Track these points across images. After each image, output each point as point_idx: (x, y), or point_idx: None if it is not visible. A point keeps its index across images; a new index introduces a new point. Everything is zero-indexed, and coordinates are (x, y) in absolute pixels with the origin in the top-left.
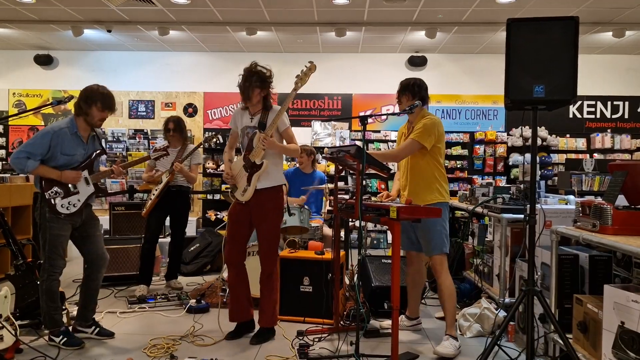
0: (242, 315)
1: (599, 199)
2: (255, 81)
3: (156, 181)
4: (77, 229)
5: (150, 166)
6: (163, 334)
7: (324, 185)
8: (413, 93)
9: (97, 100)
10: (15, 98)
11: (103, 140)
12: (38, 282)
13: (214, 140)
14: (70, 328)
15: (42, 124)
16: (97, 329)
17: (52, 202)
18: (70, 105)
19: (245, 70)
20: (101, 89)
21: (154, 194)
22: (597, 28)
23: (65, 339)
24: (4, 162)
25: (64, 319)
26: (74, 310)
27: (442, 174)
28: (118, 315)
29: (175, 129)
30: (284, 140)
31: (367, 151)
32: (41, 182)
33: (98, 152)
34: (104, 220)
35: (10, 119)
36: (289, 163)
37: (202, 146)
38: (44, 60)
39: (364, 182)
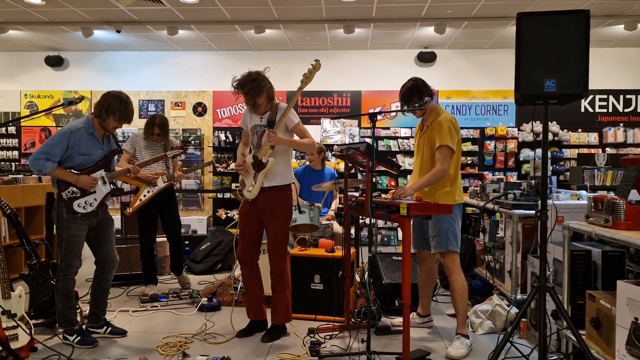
0: (259, 313)
1: (612, 194)
2: (252, 90)
3: (149, 181)
4: (93, 229)
5: (129, 152)
6: (175, 332)
7: (333, 181)
8: (420, 95)
9: (115, 112)
10: (27, 99)
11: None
12: (52, 282)
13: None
14: (84, 327)
15: (54, 124)
16: (109, 328)
17: (69, 202)
18: (81, 106)
19: (240, 80)
20: (122, 99)
21: (145, 195)
22: (608, 21)
23: (79, 337)
24: (17, 163)
25: (78, 318)
26: (87, 309)
27: (456, 173)
28: (131, 314)
29: (160, 134)
30: (295, 137)
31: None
32: (58, 182)
33: (114, 150)
34: (116, 220)
35: (22, 120)
36: (298, 161)
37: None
38: (55, 62)
39: (373, 179)
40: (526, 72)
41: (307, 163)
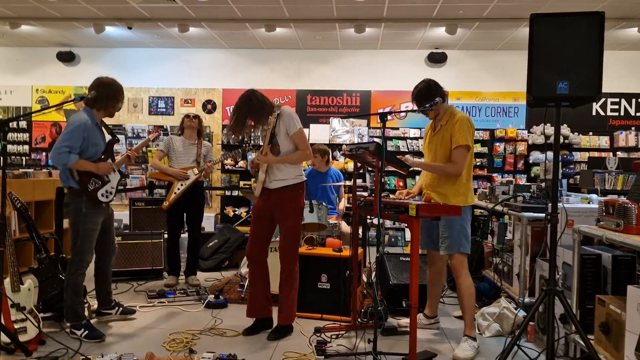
0: (260, 312)
1: (623, 198)
2: (247, 113)
3: (180, 176)
4: (102, 222)
5: (163, 152)
6: (182, 328)
7: (341, 183)
8: (432, 97)
9: (118, 93)
10: (39, 94)
11: (123, 136)
12: (61, 276)
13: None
14: (93, 321)
15: (64, 119)
16: (120, 308)
17: (94, 192)
18: None
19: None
20: (110, 81)
21: (178, 189)
22: (621, 23)
23: (86, 332)
24: (27, 158)
25: (86, 313)
26: (95, 304)
27: (468, 174)
28: (138, 309)
29: (197, 116)
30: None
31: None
32: (79, 176)
33: (113, 140)
34: (124, 215)
35: (33, 114)
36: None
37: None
38: (66, 57)
39: (382, 179)
40: (538, 73)
41: (311, 166)
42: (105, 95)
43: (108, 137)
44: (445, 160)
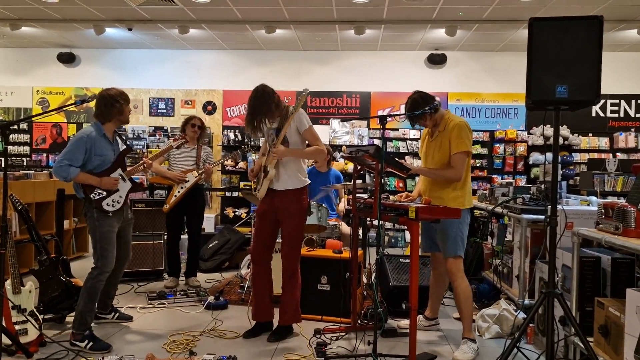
0: (265, 315)
1: (622, 201)
2: (262, 108)
3: (179, 180)
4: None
5: (164, 157)
6: (182, 330)
7: (341, 184)
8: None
9: (117, 100)
10: (39, 95)
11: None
12: (61, 277)
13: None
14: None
15: (65, 121)
16: (117, 313)
17: (99, 202)
18: (93, 104)
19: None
20: (108, 91)
21: (179, 192)
22: (621, 25)
23: (91, 343)
24: (27, 159)
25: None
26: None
27: (465, 178)
28: (138, 310)
29: (201, 126)
30: (306, 142)
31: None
32: (83, 186)
33: (126, 150)
34: None
35: (35, 118)
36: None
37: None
38: (67, 58)
39: (382, 181)
40: (537, 77)
41: (313, 165)
42: (104, 106)
43: (123, 146)
44: (443, 166)
